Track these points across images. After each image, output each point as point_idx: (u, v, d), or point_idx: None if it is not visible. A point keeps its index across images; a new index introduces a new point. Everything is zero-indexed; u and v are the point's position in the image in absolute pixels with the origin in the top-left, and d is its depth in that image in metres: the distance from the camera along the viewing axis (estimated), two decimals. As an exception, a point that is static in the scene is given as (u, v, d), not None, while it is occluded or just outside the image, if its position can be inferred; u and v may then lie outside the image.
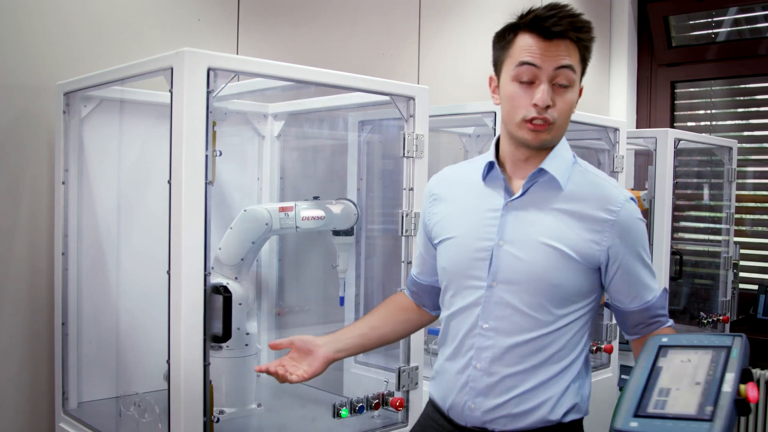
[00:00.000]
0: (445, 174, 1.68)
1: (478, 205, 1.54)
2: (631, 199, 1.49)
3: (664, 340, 1.36)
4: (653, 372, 1.29)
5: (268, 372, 1.54)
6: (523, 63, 1.43)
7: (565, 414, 1.49)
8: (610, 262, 1.47)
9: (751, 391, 1.16)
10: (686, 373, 1.26)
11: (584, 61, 1.48)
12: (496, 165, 1.53)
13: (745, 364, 1.23)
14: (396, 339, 1.73)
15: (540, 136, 1.45)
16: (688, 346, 1.32)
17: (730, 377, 1.19)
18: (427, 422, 1.65)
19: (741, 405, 1.16)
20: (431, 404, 1.65)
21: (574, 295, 1.48)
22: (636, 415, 1.20)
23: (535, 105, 1.42)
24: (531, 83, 1.43)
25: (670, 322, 1.57)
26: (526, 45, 1.43)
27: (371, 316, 1.72)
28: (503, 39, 1.49)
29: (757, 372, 3.95)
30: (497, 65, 1.52)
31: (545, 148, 1.49)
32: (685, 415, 1.16)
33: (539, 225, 1.47)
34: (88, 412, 2.21)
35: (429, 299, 1.73)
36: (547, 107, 1.42)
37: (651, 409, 1.20)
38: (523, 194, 1.50)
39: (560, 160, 1.50)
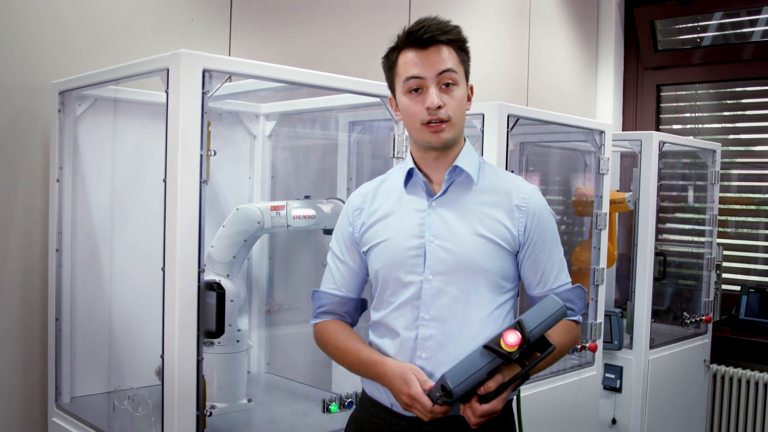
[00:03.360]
0: (365, 189, 1.77)
1: (404, 208, 1.67)
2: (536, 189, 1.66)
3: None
4: None
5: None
6: (409, 78, 1.58)
7: None
8: (524, 245, 1.63)
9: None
10: None
11: (464, 62, 1.63)
12: (416, 170, 1.66)
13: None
14: None
15: (440, 135, 1.59)
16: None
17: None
18: (366, 417, 1.68)
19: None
20: (368, 400, 1.69)
21: (501, 279, 1.62)
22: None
23: (427, 108, 1.56)
24: (420, 91, 1.58)
25: (577, 317, 1.69)
26: (407, 60, 1.58)
27: (358, 340, 1.69)
28: (389, 60, 1.64)
29: (738, 371, 4.02)
30: (391, 85, 1.67)
31: (449, 147, 1.63)
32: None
33: (463, 218, 1.61)
34: (81, 407, 2.24)
35: (356, 314, 1.79)
36: (439, 107, 1.56)
37: None
38: (444, 192, 1.64)
39: (470, 159, 1.66)
